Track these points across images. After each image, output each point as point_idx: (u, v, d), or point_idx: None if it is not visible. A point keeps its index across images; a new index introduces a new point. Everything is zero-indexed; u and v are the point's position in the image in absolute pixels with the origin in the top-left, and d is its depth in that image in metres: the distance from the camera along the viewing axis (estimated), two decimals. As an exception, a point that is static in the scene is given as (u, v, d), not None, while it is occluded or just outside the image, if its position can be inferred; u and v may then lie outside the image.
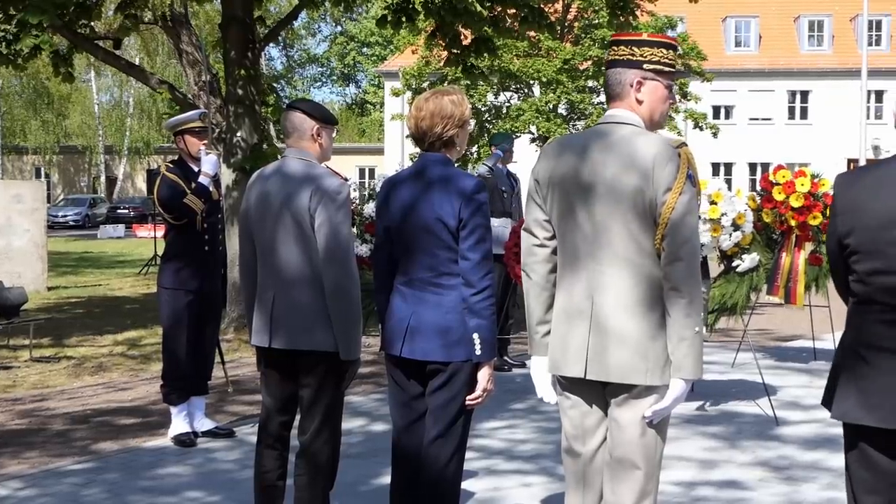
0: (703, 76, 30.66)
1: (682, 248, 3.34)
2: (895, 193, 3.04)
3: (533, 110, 29.58)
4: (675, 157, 3.36)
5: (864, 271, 3.09)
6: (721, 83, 39.92)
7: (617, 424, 3.48)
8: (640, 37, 3.57)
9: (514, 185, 9.81)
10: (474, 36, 13.46)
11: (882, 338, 3.05)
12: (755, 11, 49.08)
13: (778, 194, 7.84)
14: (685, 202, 3.33)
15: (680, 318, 3.37)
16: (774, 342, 11.37)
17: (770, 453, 6.48)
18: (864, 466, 3.13)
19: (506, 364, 9.45)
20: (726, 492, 5.68)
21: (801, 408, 7.70)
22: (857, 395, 3.09)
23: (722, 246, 7.28)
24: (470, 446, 5.31)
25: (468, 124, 4.10)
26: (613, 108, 3.55)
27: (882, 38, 47.50)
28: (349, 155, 51.92)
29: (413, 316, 3.99)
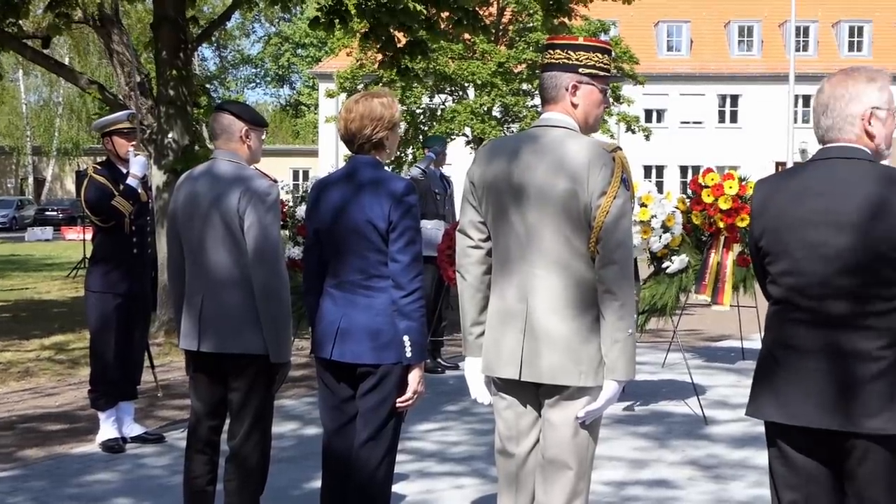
0: (635, 80, 30.98)
1: (615, 251, 3.38)
2: (803, 197, 3.11)
3: (468, 113, 29.67)
4: (609, 161, 3.38)
5: (776, 273, 3.17)
6: (653, 87, 40.35)
7: (550, 425, 3.51)
8: (576, 41, 3.59)
9: (447, 187, 9.82)
10: (408, 38, 13.46)
11: (792, 337, 3.12)
12: (686, 16, 49.69)
13: (707, 197, 7.95)
14: (619, 206, 3.36)
15: (613, 321, 3.40)
16: (703, 342, 11.53)
17: (699, 452, 6.57)
18: (782, 463, 3.19)
19: (439, 366, 9.46)
20: (656, 491, 5.74)
21: (730, 407, 7.81)
22: (771, 393, 3.16)
23: (652, 247, 7.36)
24: (402, 449, 5.31)
25: (398, 127, 4.10)
26: (548, 111, 3.57)
27: (809, 43, 48.36)
28: (283, 157, 51.61)
29: (343, 318, 3.98)
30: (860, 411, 2.99)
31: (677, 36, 49.95)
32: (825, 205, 3.05)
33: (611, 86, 18.74)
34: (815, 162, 3.19)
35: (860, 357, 3.01)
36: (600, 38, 30.33)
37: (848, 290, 3.02)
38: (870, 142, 3.14)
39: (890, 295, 3.00)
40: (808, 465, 3.13)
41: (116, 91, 12.26)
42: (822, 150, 3.19)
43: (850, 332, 3.02)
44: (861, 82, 3.15)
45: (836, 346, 3.04)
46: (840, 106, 3.14)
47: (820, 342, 3.06)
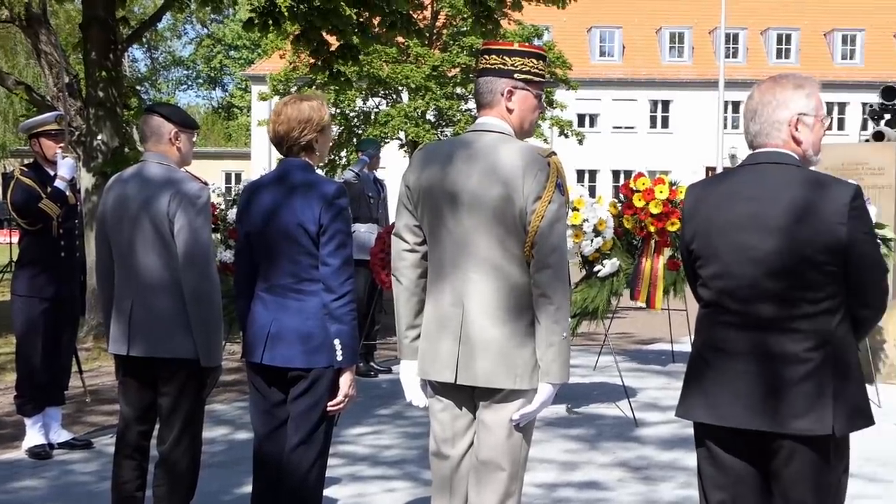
0: (568, 84, 31.16)
1: (550, 255, 3.41)
2: (732, 201, 3.17)
3: (402, 116, 29.63)
4: (544, 166, 3.42)
5: (706, 276, 3.22)
6: (586, 92, 40.63)
7: (484, 426, 3.53)
8: (511, 46, 3.61)
9: (380, 190, 9.81)
10: (341, 42, 13.42)
11: (722, 339, 3.17)
12: (619, 22, 50.15)
13: (638, 201, 8.02)
14: (554, 210, 3.40)
15: (548, 324, 3.43)
16: (634, 345, 11.65)
17: (629, 454, 6.63)
18: (711, 463, 3.24)
19: (372, 370, 9.45)
20: (586, 492, 5.79)
21: (660, 409, 7.90)
22: (700, 394, 3.21)
23: (584, 251, 7.42)
24: (334, 453, 5.30)
25: (328, 129, 4.10)
26: (484, 115, 3.60)
27: (739, 50, 49.06)
28: (215, 160, 51.12)
29: (274, 322, 3.96)
30: (787, 412, 3.05)
31: (610, 41, 50.37)
32: (754, 209, 3.11)
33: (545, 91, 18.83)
34: (745, 167, 3.25)
35: (788, 359, 3.06)
36: (534, 42, 30.50)
37: (776, 292, 3.07)
38: (797, 147, 3.20)
39: (817, 298, 3.06)
40: (736, 466, 3.19)
41: (44, 92, 12.10)
42: (751, 155, 3.25)
43: (778, 335, 3.08)
44: (788, 89, 3.21)
45: (765, 348, 3.09)
46: (768, 112, 3.20)
47: (749, 344, 3.11)
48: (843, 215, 3.03)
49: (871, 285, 3.13)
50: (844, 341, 3.12)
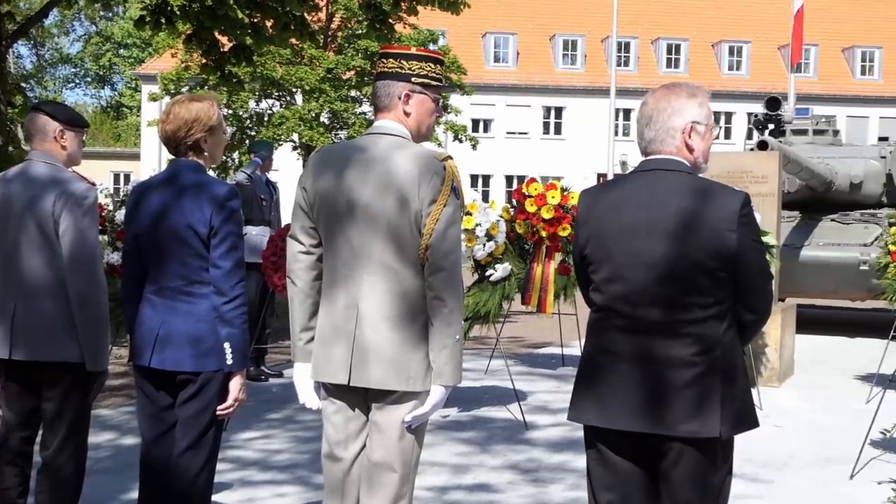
0: (462, 90, 31.33)
1: (445, 258, 3.43)
2: (625, 206, 3.23)
3: (296, 118, 29.41)
4: (440, 170, 3.44)
5: (599, 280, 3.27)
6: (480, 97, 40.91)
7: (377, 428, 3.53)
8: (409, 50, 3.64)
9: (273, 193, 9.73)
10: (233, 43, 13.27)
11: (614, 343, 3.22)
12: (513, 29, 50.59)
13: (530, 206, 8.11)
14: (449, 214, 3.43)
15: (442, 327, 3.45)
16: (526, 349, 11.76)
17: (519, 456, 6.70)
18: (600, 465, 3.29)
19: (263, 374, 9.36)
20: (477, 495, 5.83)
21: (550, 412, 7.99)
22: (591, 398, 3.26)
23: (476, 255, 7.47)
24: (223, 457, 5.24)
25: (218, 130, 4.05)
26: (381, 119, 3.61)
27: (630, 59, 49.93)
28: (103, 160, 50.05)
29: (163, 325, 3.90)
30: (676, 415, 3.11)
31: (504, 47, 50.78)
32: (646, 214, 3.17)
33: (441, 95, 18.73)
34: (638, 173, 3.31)
35: (677, 363, 3.12)
36: (429, 47, 30.58)
37: (667, 297, 3.13)
38: (689, 154, 3.27)
39: (706, 303, 3.13)
40: (624, 467, 3.24)
41: (-76, 87, 11.70)
42: (645, 161, 3.31)
43: (668, 339, 3.14)
44: (683, 97, 3.28)
45: (655, 352, 3.15)
46: (663, 119, 3.26)
47: (639, 348, 3.17)
48: (733, 222, 3.11)
49: (757, 291, 3.22)
50: (731, 346, 3.19)
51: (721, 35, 51.39)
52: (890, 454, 6.71)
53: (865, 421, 6.76)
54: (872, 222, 13.53)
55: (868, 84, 51.26)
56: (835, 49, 51.69)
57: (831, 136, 15.13)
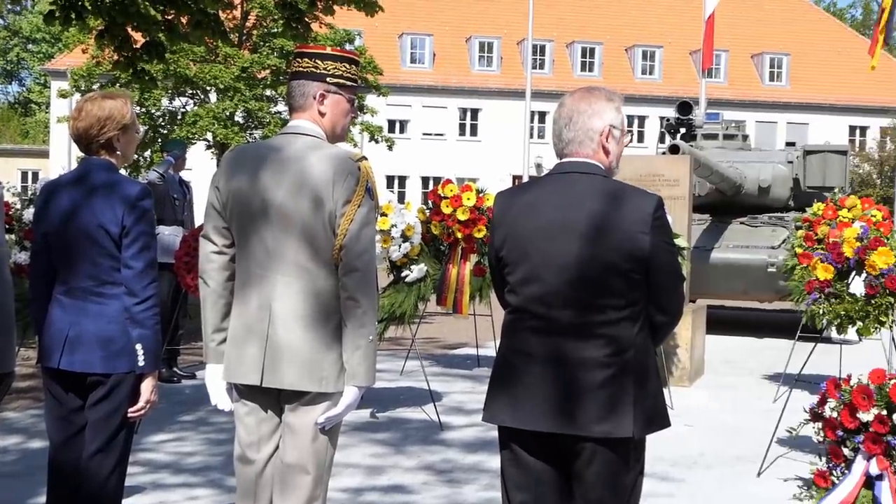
0: (379, 90, 31.29)
1: (358, 259, 3.42)
2: (543, 208, 3.25)
3: (210, 117, 29.08)
4: (354, 170, 3.44)
5: (514, 281, 3.28)
6: (396, 98, 40.85)
7: (290, 430, 3.51)
8: (324, 50, 3.63)
9: (186, 192, 9.61)
10: (146, 39, 13.07)
11: (528, 345, 3.24)
12: (429, 30, 50.65)
13: (446, 207, 8.14)
14: (363, 215, 3.42)
15: (355, 328, 3.44)
16: (441, 350, 11.79)
17: (434, 457, 6.71)
18: (514, 465, 3.31)
19: (175, 375, 9.24)
20: (391, 496, 5.83)
21: (465, 412, 8.02)
22: (506, 399, 3.27)
23: (391, 257, 7.47)
24: (135, 461, 5.16)
25: (131, 128, 4.00)
26: (296, 119, 3.60)
27: (546, 62, 50.29)
28: (10, 157, 49.01)
29: (73, 326, 3.83)
30: (589, 416, 3.14)
31: (420, 48, 50.81)
32: (561, 216, 3.20)
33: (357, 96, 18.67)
34: (553, 175, 3.33)
35: (591, 364, 3.15)
36: (345, 47, 30.48)
37: (581, 299, 3.16)
38: (605, 158, 3.30)
39: (620, 304, 3.17)
40: (538, 467, 3.26)
41: None
42: (560, 164, 3.33)
43: (582, 340, 3.17)
44: (602, 100, 3.32)
45: (569, 353, 3.17)
46: (583, 120, 3.28)
47: (553, 349, 3.19)
48: (647, 225, 3.15)
49: (669, 292, 3.27)
50: (644, 347, 3.24)
51: (634, 40, 52.06)
52: (796, 452, 6.86)
53: (773, 420, 6.90)
54: (780, 225, 13.84)
55: (776, 90, 52.37)
56: (744, 55, 52.70)
57: (741, 140, 15.44)
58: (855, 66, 52.55)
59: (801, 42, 53.49)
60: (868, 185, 46.71)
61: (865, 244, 6.39)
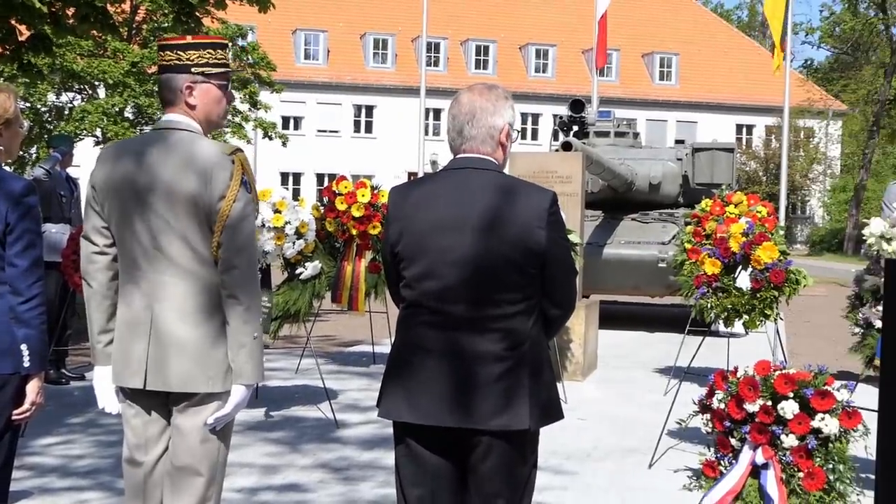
0: (272, 87, 31.01)
1: (237, 255, 3.38)
2: (438, 203, 3.25)
3: (99, 112, 28.44)
4: (227, 164, 3.38)
5: (411, 276, 3.28)
6: (291, 94, 40.55)
7: (179, 432, 3.46)
8: (185, 40, 3.55)
9: (73, 189, 9.39)
10: (32, 32, 12.72)
11: (425, 340, 3.24)
12: (324, 26, 50.39)
13: (340, 204, 8.12)
14: (240, 209, 3.37)
15: (239, 325, 3.40)
16: (337, 347, 11.75)
17: (330, 455, 6.68)
18: (410, 460, 3.31)
19: (63, 377, 9.03)
20: (287, 495, 5.78)
21: (360, 410, 8.00)
22: (402, 394, 3.27)
23: (285, 254, 7.41)
24: (21, 465, 5.02)
25: (15, 123, 3.89)
26: (168, 113, 3.53)
27: (440, 59, 50.45)
28: None
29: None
30: (485, 410, 3.16)
31: (315, 45, 50.53)
32: (457, 212, 3.20)
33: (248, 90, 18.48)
34: (449, 171, 3.33)
35: (486, 358, 3.17)
36: (238, 42, 30.19)
37: (476, 293, 3.18)
38: (501, 155, 3.33)
39: (515, 299, 3.19)
40: (433, 462, 3.26)
41: None
42: (457, 159, 3.33)
43: (477, 335, 3.18)
44: (501, 98, 3.33)
45: (464, 347, 3.19)
46: (486, 118, 3.29)
47: (449, 344, 3.20)
48: (542, 220, 3.19)
49: (563, 287, 3.31)
50: (538, 341, 3.27)
51: (528, 38, 52.56)
52: (686, 443, 7.01)
53: (663, 412, 7.04)
54: (670, 221, 14.11)
55: (666, 89, 53.40)
56: (635, 55, 53.60)
57: (632, 138, 15.70)
58: (741, 67, 54.01)
59: (690, 42, 54.66)
60: (754, 181, 48.03)
61: (751, 239, 6.55)
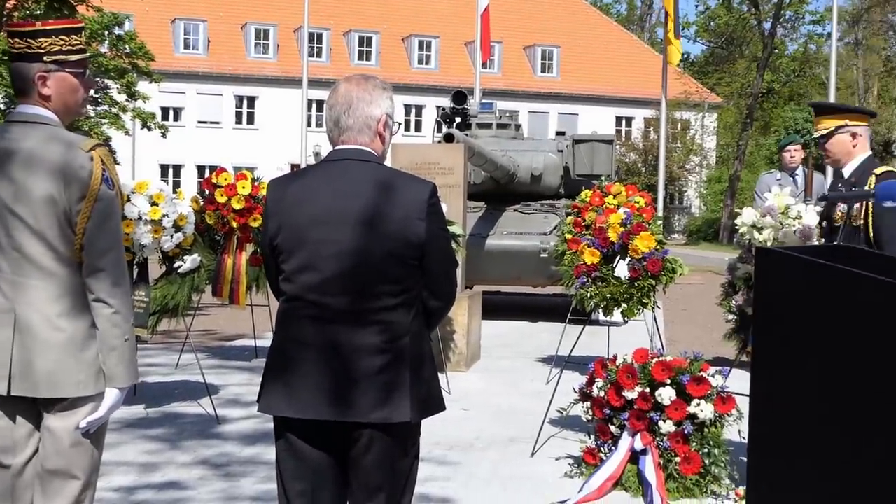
0: (150, 77, 30.45)
1: (102, 257, 3.28)
2: (318, 196, 3.21)
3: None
4: (86, 161, 3.25)
5: (290, 270, 3.23)
6: (170, 84, 39.91)
7: (50, 435, 3.34)
8: (34, 27, 3.36)
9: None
10: None
11: (304, 333, 3.20)
12: (203, 15, 49.65)
13: (220, 196, 7.99)
14: (101, 209, 3.26)
15: (108, 329, 3.31)
16: (218, 342, 11.60)
17: (210, 451, 6.58)
18: (291, 455, 3.26)
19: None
20: (166, 493, 5.68)
21: (242, 405, 7.90)
22: (282, 388, 3.22)
23: (163, 247, 7.26)
24: None
25: None
26: (22, 104, 3.37)
27: (323, 50, 50.15)
28: None
29: None
30: (367, 403, 3.14)
31: (194, 34, 49.75)
32: (337, 203, 3.17)
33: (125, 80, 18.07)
34: (329, 162, 3.29)
35: (367, 351, 3.15)
36: (114, 31, 29.54)
37: (357, 286, 3.15)
38: (380, 146, 3.30)
39: (395, 291, 3.18)
40: (314, 456, 3.23)
41: None
42: (335, 150, 3.29)
43: (358, 328, 3.16)
44: (378, 88, 3.29)
45: (345, 340, 3.16)
46: (362, 108, 3.25)
47: (329, 337, 3.17)
48: (423, 211, 3.17)
49: (443, 278, 3.31)
50: (419, 333, 3.26)
51: (411, 30, 52.62)
52: (567, 431, 7.09)
53: (546, 401, 7.11)
54: (552, 212, 14.27)
55: (547, 81, 54.06)
56: (517, 47, 54.12)
57: (514, 129, 15.82)
58: (621, 60, 54.98)
59: (571, 35, 55.42)
60: (633, 173, 48.94)
61: (629, 229, 6.66)
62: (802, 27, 55.84)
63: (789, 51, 59.17)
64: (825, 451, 3.51)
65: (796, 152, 10.89)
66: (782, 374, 3.66)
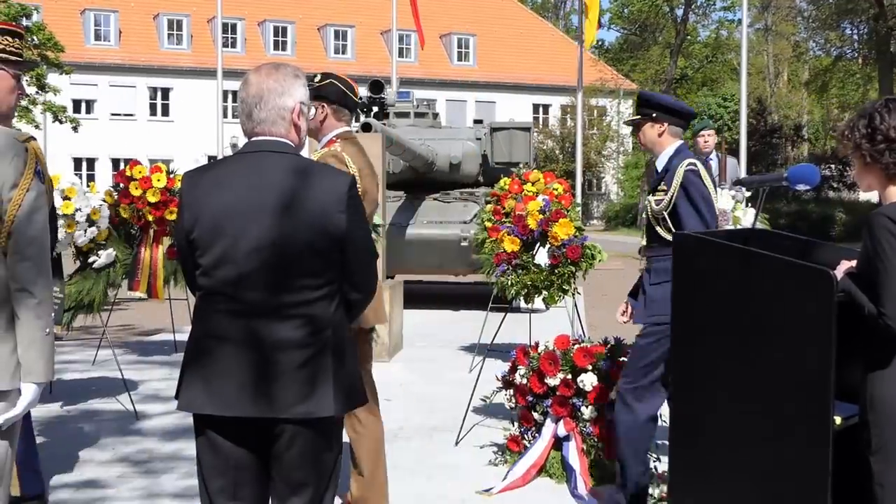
0: (61, 69, 29.82)
1: (29, 247, 3.23)
2: (234, 188, 3.17)
3: None
4: (21, 151, 3.23)
5: (207, 264, 3.18)
6: (81, 76, 39.14)
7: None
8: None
9: None
10: None
11: (224, 328, 3.16)
12: (114, 6, 48.79)
13: (135, 190, 7.86)
14: (32, 199, 3.23)
15: (30, 320, 3.25)
16: (136, 337, 11.44)
17: (130, 448, 6.49)
18: (211, 451, 3.23)
19: None
20: (85, 492, 5.59)
21: (162, 400, 7.80)
22: (201, 385, 3.18)
23: (77, 242, 7.13)
24: None
25: None
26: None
27: (238, 40, 49.60)
28: None
29: None
30: (289, 398, 3.11)
31: (105, 25, 48.87)
32: (253, 196, 3.13)
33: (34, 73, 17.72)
34: (245, 154, 3.24)
35: (288, 345, 3.12)
36: (21, 23, 28.82)
37: (276, 280, 3.12)
38: (296, 136, 3.26)
39: (316, 284, 3.15)
40: (235, 453, 3.19)
41: None
42: (251, 142, 3.24)
43: (278, 322, 3.13)
44: (290, 77, 3.25)
45: (265, 335, 3.13)
46: (274, 99, 3.20)
47: (249, 332, 3.13)
48: (342, 203, 3.15)
49: (363, 270, 3.29)
50: (341, 326, 3.24)
51: (326, 19, 52.28)
52: (491, 419, 7.13)
53: (469, 389, 7.13)
54: (471, 200, 14.31)
55: (464, 69, 54.13)
56: (433, 35, 54.05)
57: (431, 118, 15.82)
58: (537, 48, 55.25)
59: (487, 23, 55.53)
60: (551, 160, 49.25)
61: (548, 216, 6.69)
62: (714, 13, 56.76)
63: (702, 37, 60.08)
64: (741, 429, 3.58)
65: (710, 137, 11.03)
66: (701, 355, 3.73)
